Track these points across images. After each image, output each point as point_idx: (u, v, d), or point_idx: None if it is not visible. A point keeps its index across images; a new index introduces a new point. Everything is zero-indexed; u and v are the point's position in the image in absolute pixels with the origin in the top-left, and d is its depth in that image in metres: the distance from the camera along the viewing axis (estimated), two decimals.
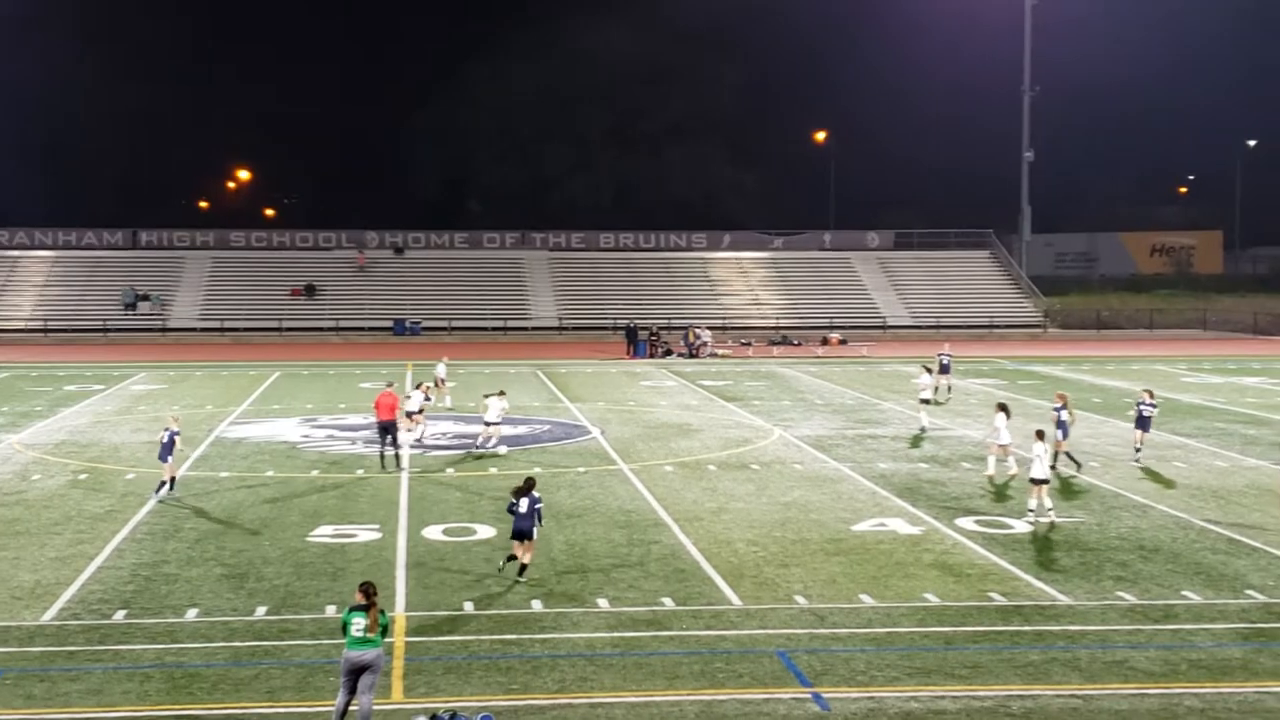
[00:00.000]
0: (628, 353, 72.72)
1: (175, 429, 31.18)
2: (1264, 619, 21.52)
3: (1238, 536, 27.26)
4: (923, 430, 42.02)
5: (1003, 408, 34.41)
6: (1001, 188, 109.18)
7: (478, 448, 37.70)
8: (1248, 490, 32.36)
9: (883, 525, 28.17)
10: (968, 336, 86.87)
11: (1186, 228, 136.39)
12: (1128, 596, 22.68)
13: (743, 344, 79.06)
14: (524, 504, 23.37)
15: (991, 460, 33.93)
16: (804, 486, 32.59)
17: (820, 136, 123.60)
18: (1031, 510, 28.47)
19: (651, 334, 74.56)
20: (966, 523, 28.43)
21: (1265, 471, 34.77)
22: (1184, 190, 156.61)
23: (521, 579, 23.36)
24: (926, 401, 43.39)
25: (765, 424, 43.84)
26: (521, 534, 23.36)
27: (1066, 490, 32.14)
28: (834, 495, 31.50)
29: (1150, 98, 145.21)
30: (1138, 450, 36.23)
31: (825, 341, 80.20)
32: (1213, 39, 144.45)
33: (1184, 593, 22.95)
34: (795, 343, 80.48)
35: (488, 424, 37.95)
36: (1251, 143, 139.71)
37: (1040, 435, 29.18)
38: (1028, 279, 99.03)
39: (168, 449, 30.66)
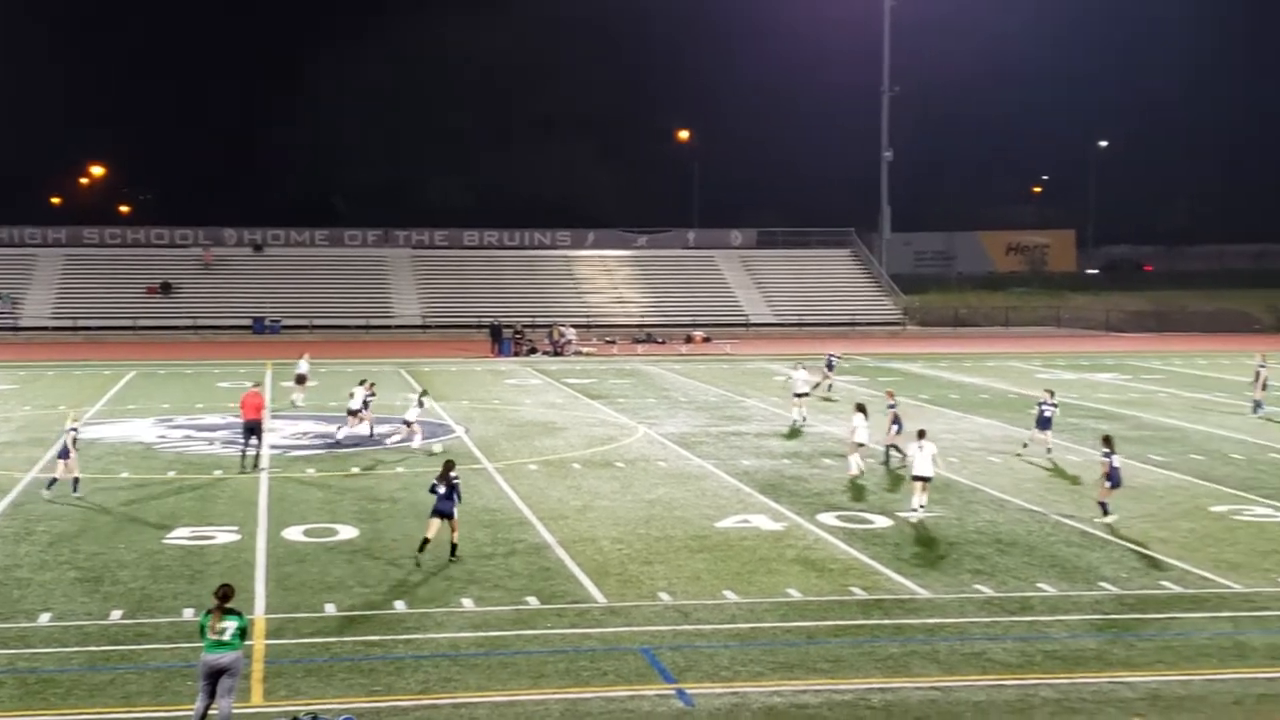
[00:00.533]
0: (492, 351, 72.43)
1: (74, 427, 30.82)
2: (1116, 610, 22.01)
3: (1090, 529, 27.85)
4: (796, 423, 42.56)
5: (860, 408, 34.84)
6: (862, 187, 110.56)
7: (402, 443, 37.28)
8: (1092, 481, 33.01)
9: (746, 522, 28.37)
10: (829, 334, 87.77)
11: (1041, 227, 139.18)
12: (985, 589, 23.07)
13: (607, 342, 79.10)
14: (443, 486, 24.52)
15: (853, 459, 34.26)
16: (668, 484, 32.70)
17: (684, 135, 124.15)
18: (921, 507, 28.70)
19: (516, 332, 74.34)
20: (828, 518, 28.73)
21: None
22: (1038, 190, 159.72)
23: (455, 558, 24.51)
24: (802, 395, 43.71)
25: (630, 422, 43.93)
26: (442, 514, 24.44)
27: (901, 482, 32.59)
28: (698, 492, 31.65)
29: (1006, 99, 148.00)
30: (1048, 451, 36.80)
31: (689, 339, 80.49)
32: (1066, 42, 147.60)
33: (1040, 585, 23.39)
34: (659, 340, 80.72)
35: (406, 423, 37.53)
36: (1103, 143, 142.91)
37: (921, 435, 29.47)
38: (888, 277, 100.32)
39: (67, 448, 30.34)
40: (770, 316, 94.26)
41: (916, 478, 28.79)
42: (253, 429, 34.51)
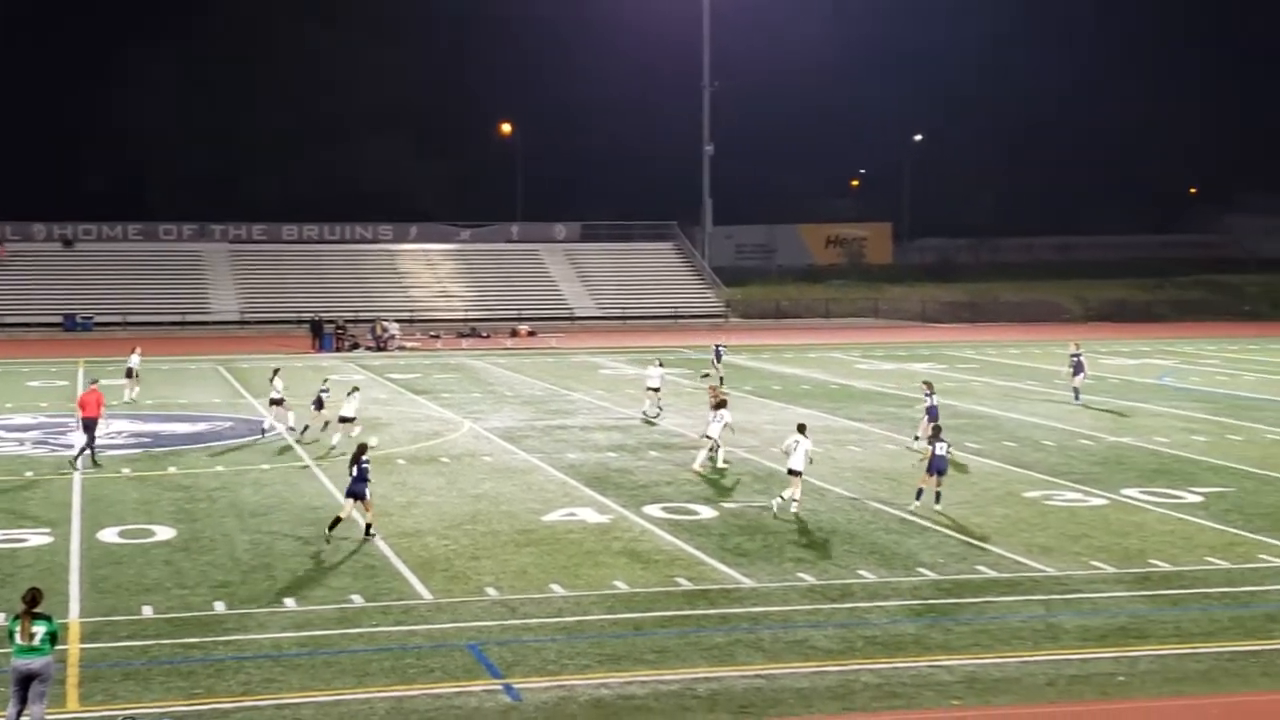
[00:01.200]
0: (313, 346, 71.52)
1: None
2: (934, 595, 22.47)
3: (909, 516, 28.39)
4: (648, 415, 42.89)
5: (721, 404, 34.92)
6: (684, 180, 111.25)
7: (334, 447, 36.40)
8: (917, 472, 33.64)
9: (572, 515, 28.40)
10: (653, 327, 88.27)
11: (859, 220, 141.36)
12: (807, 577, 23.38)
13: (431, 336, 78.61)
14: (355, 468, 25.82)
15: (702, 454, 34.25)
16: (494, 478, 32.60)
17: (506, 129, 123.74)
18: (783, 498, 28.65)
19: (338, 327, 73.48)
20: (654, 510, 28.88)
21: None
22: (856, 183, 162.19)
23: (371, 534, 25.86)
24: (655, 390, 43.89)
25: (455, 417, 43.70)
26: (355, 495, 25.75)
27: (728, 474, 32.94)
28: (524, 486, 31.61)
29: (824, 93, 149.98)
30: (915, 439, 37.70)
31: (514, 333, 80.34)
32: (880, 36, 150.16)
33: (860, 572, 23.78)
34: (484, 335, 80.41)
35: (343, 419, 37.02)
36: (917, 137, 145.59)
37: (801, 429, 29.39)
38: (710, 270, 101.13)
39: None
40: (594, 309, 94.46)
41: (790, 471, 28.69)
42: (88, 426, 33.86)
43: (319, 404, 38.82)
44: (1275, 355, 66.80)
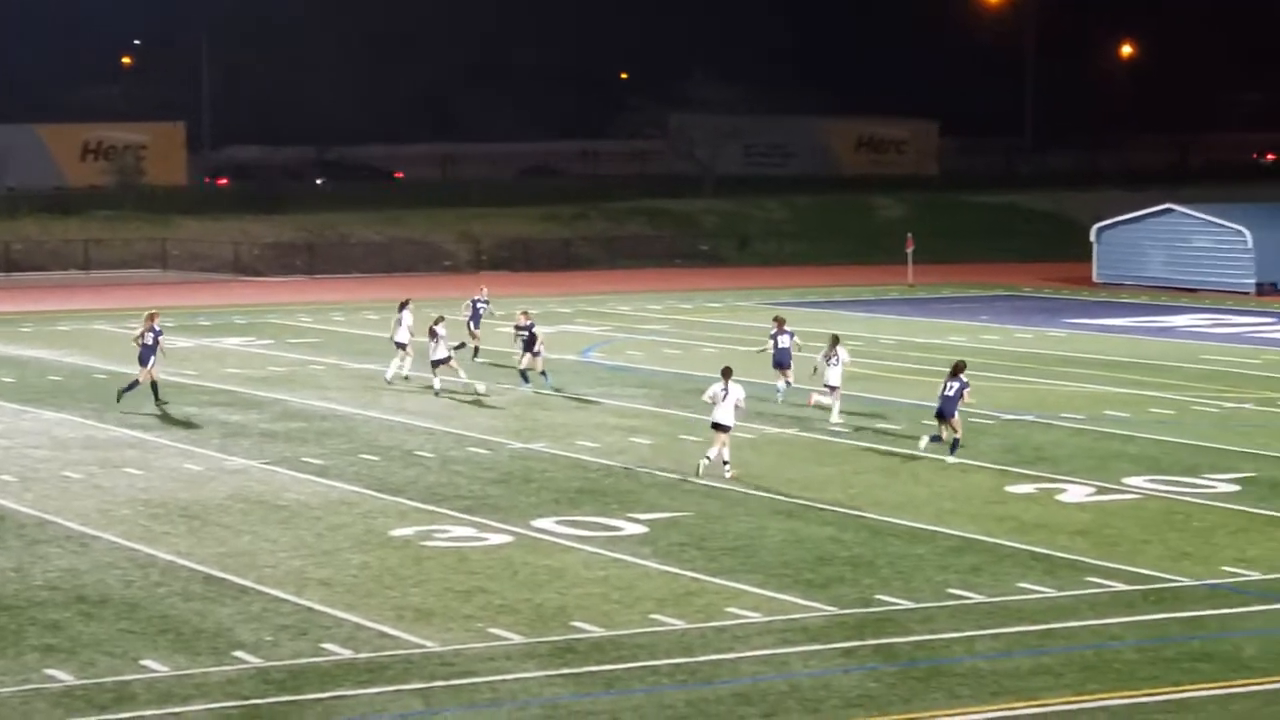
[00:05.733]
0: None
1: None
2: (260, 691, 22.43)
3: (220, 572, 28.33)
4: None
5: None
6: None
7: None
8: (233, 503, 33.67)
9: None
10: None
11: (133, 119, 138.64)
12: (62, 675, 22.92)
13: None
14: None
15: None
16: None
17: None
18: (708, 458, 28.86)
19: None
20: None
21: (255, 475, 36.38)
22: (129, 61, 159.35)
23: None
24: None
25: None
26: None
27: None
28: None
29: None
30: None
31: None
32: None
33: (145, 663, 23.50)
34: None
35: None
36: None
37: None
38: None
39: None
40: None
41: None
42: None
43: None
44: (745, 316, 70.31)
